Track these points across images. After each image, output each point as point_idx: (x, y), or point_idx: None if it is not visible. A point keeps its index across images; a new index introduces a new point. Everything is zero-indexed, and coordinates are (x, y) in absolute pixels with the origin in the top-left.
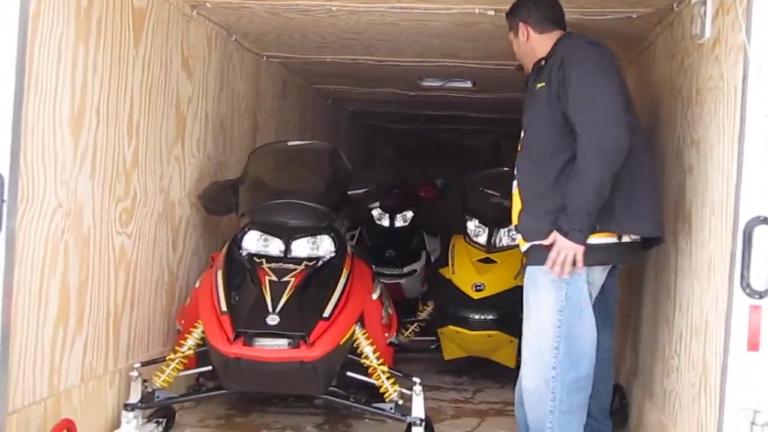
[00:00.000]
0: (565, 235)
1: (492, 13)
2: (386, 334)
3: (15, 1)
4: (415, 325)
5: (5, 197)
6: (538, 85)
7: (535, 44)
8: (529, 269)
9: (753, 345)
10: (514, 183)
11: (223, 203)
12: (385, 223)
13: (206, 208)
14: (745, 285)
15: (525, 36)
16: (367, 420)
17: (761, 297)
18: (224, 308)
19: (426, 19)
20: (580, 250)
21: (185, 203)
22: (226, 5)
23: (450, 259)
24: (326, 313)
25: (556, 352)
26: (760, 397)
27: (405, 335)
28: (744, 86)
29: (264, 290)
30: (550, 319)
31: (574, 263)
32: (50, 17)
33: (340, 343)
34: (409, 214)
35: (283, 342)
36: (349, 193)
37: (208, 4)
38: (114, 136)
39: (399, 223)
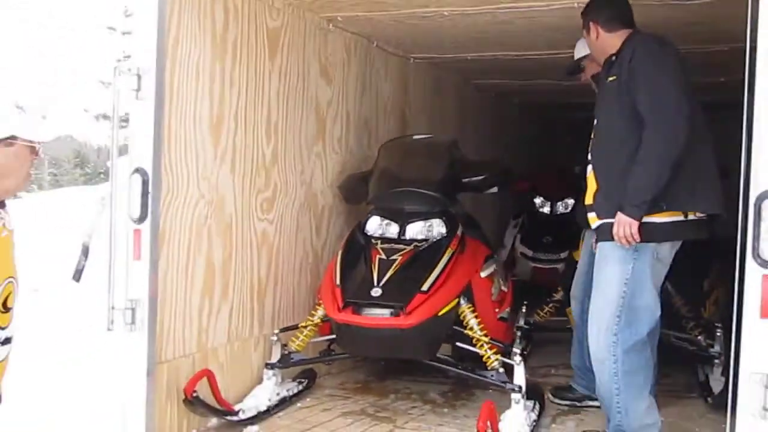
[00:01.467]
0: (622, 210)
1: None
2: (496, 310)
3: (153, 31)
4: (551, 305)
5: (150, 190)
6: (610, 79)
7: (605, 42)
8: (600, 245)
9: (766, 313)
10: (589, 167)
11: (357, 193)
12: (546, 210)
13: (344, 197)
14: (756, 255)
15: (595, 35)
16: (490, 391)
17: None
18: (338, 282)
19: (534, 16)
20: (635, 224)
21: (327, 194)
22: (355, 18)
23: (580, 242)
24: (425, 287)
25: (618, 320)
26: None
27: (541, 315)
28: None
29: (373, 267)
30: (616, 290)
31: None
32: (188, 43)
33: (438, 314)
34: (571, 201)
35: (385, 311)
36: (464, 180)
37: (339, 18)
38: (252, 138)
39: (560, 210)
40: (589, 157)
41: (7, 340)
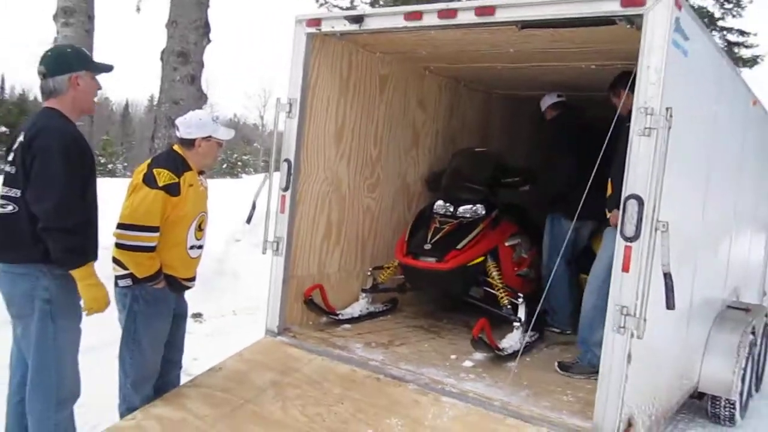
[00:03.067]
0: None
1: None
2: (515, 269)
3: (300, 76)
4: None
5: (293, 172)
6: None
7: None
8: (608, 229)
9: (625, 269)
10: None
11: (434, 184)
12: None
13: (427, 187)
14: (622, 233)
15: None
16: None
17: (631, 241)
18: (406, 238)
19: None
20: None
21: (417, 184)
22: (442, 69)
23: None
24: (459, 246)
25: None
26: (626, 298)
27: None
28: None
29: (429, 231)
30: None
31: None
32: (322, 84)
33: (468, 264)
34: None
35: (431, 259)
36: (503, 180)
37: (432, 67)
38: (363, 144)
39: None
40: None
41: (201, 247)
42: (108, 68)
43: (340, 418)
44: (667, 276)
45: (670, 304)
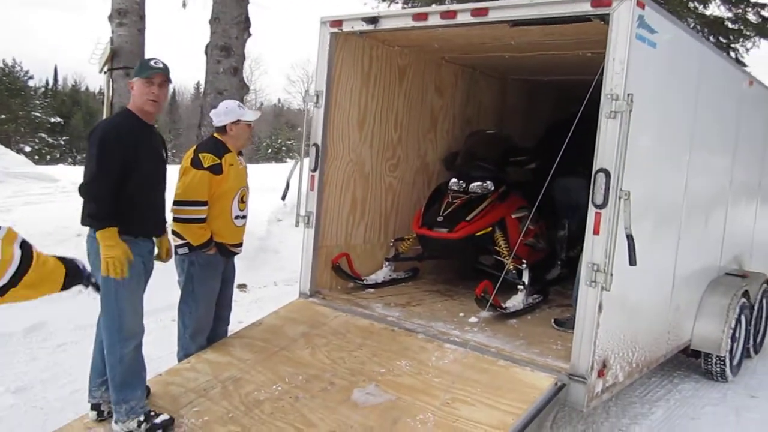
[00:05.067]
0: None
1: None
2: (521, 238)
3: (325, 69)
4: None
5: (320, 153)
6: None
7: None
8: None
9: (596, 232)
10: None
11: (450, 163)
12: None
13: (444, 166)
14: (593, 201)
15: None
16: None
17: (600, 208)
18: (422, 212)
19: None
20: None
21: (436, 164)
22: (457, 59)
23: None
24: (468, 218)
25: None
26: (597, 257)
27: None
28: None
29: (441, 205)
30: None
31: None
32: (346, 76)
33: (476, 234)
34: None
35: (443, 229)
36: (511, 159)
37: (447, 57)
38: (385, 129)
39: None
40: None
41: (244, 217)
42: (150, 72)
43: (359, 360)
44: (629, 237)
45: (632, 261)
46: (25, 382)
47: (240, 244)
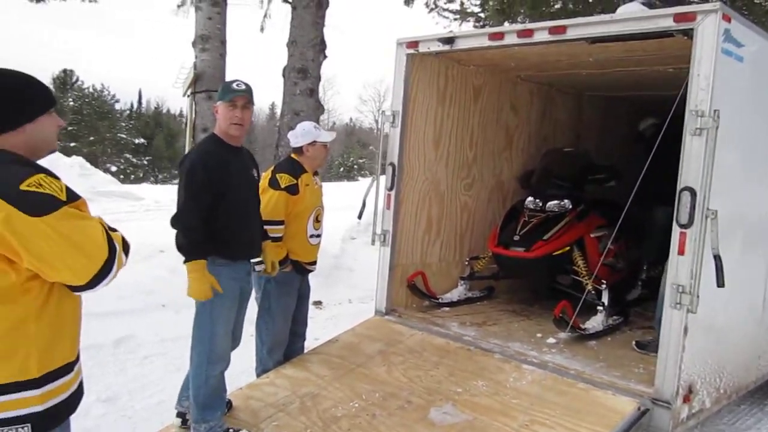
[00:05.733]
0: None
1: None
2: (600, 258)
3: (401, 90)
4: None
5: (396, 173)
6: None
7: None
8: None
9: (681, 252)
10: None
11: (527, 182)
12: None
13: (519, 184)
14: (677, 220)
15: None
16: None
17: (685, 227)
18: (498, 230)
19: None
20: None
21: (511, 182)
22: (532, 77)
23: None
24: (545, 237)
25: None
26: (682, 278)
27: None
28: None
29: (518, 224)
30: None
31: None
32: (422, 96)
33: (553, 253)
34: None
35: (520, 248)
36: (589, 177)
37: (523, 75)
38: (460, 148)
39: None
40: None
41: (319, 236)
42: (232, 95)
43: (435, 379)
44: (717, 258)
45: (720, 282)
46: (115, 391)
47: (314, 262)
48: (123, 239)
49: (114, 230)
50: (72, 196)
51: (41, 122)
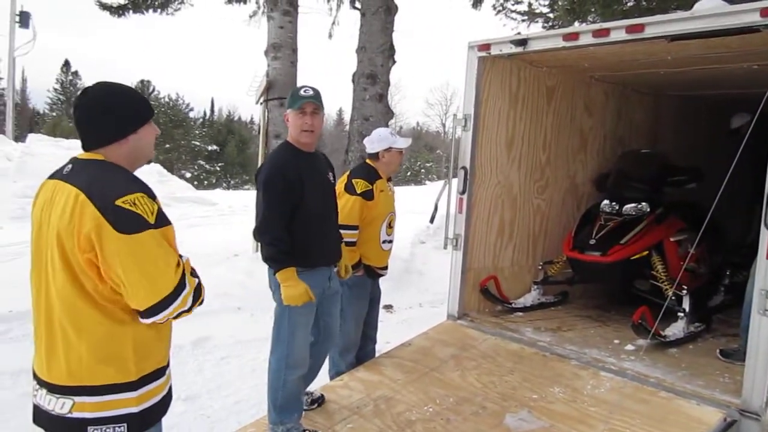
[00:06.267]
0: None
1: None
2: (681, 263)
3: (473, 94)
4: None
5: (468, 177)
6: None
7: None
8: None
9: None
10: None
11: (602, 185)
12: None
13: (595, 187)
14: (765, 223)
15: None
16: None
17: None
18: (573, 234)
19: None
20: None
21: (586, 184)
22: (607, 77)
23: None
24: (623, 241)
25: None
26: None
27: None
28: None
29: (594, 227)
30: None
31: None
32: (494, 99)
33: (630, 258)
34: None
35: (596, 253)
36: (668, 179)
37: (597, 75)
38: (533, 150)
39: None
40: None
41: (391, 242)
42: (301, 101)
43: (510, 385)
44: None
45: None
46: (195, 391)
47: (386, 267)
48: (199, 285)
49: (195, 275)
50: (161, 221)
51: (143, 133)
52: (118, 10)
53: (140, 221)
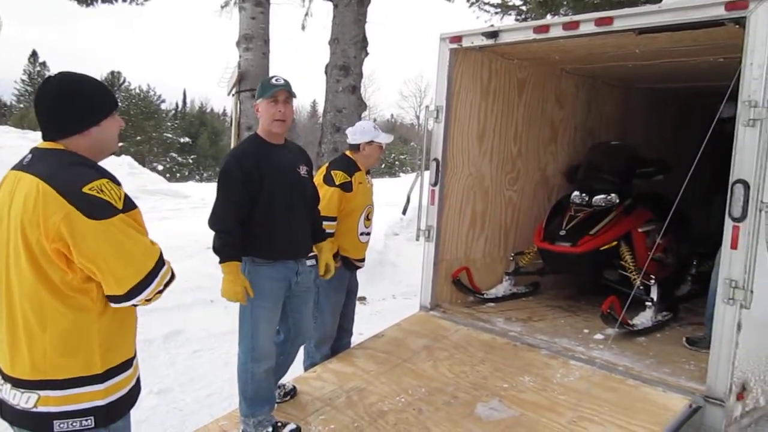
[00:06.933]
0: None
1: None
2: (648, 253)
3: (445, 86)
4: None
5: (440, 168)
6: None
7: None
8: None
9: (734, 246)
10: None
11: (573, 176)
12: None
13: (565, 179)
14: (729, 214)
15: None
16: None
17: (738, 221)
18: (543, 225)
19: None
20: None
21: (557, 176)
22: (578, 69)
23: None
24: (592, 232)
25: None
26: (735, 272)
27: None
28: None
29: (564, 219)
30: None
31: None
32: (465, 91)
33: (600, 248)
34: None
35: (566, 243)
36: (637, 171)
37: (568, 68)
38: (504, 142)
39: None
40: None
41: (368, 234)
42: (273, 90)
43: (481, 375)
44: None
45: None
46: (167, 384)
47: (363, 259)
48: (171, 270)
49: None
50: (128, 205)
51: (106, 125)
52: (87, 0)
53: (109, 207)
